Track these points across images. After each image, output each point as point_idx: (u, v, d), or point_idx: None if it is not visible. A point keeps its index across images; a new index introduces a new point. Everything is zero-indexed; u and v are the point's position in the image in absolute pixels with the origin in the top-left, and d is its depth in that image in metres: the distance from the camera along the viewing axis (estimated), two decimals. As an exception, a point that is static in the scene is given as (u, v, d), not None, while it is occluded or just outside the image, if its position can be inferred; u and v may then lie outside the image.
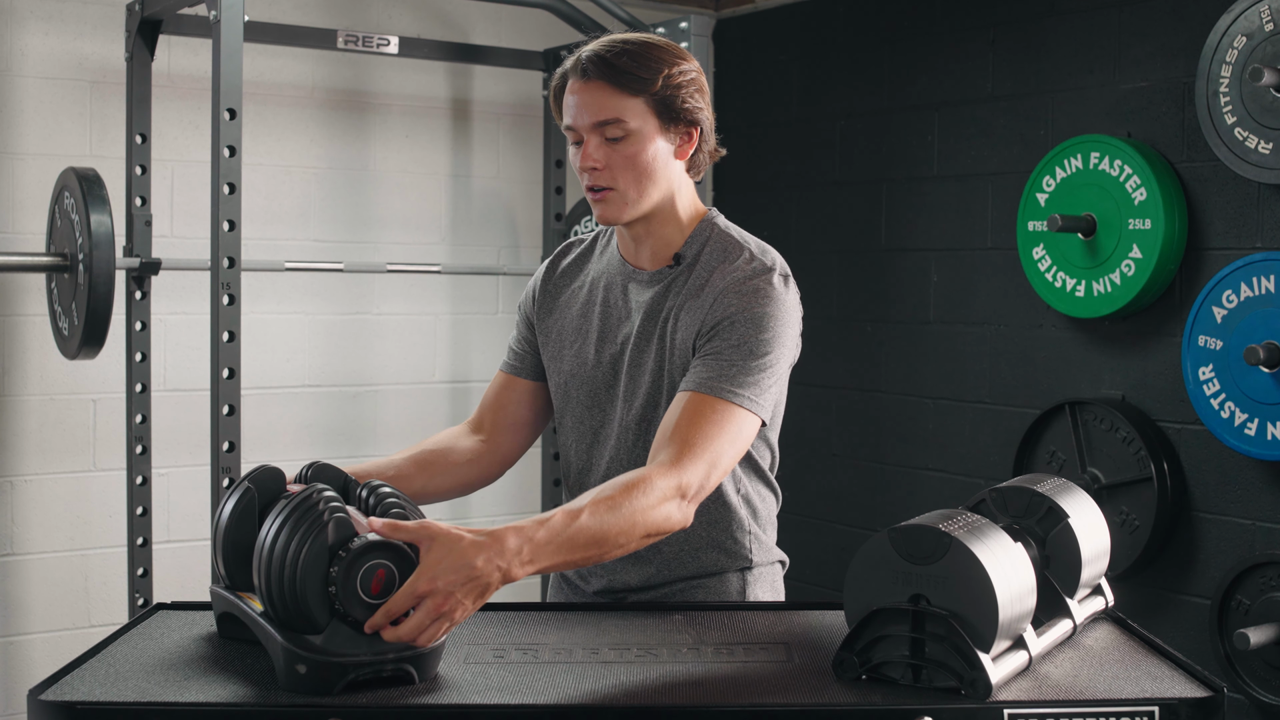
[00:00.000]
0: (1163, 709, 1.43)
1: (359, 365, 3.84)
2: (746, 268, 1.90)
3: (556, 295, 2.07)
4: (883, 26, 3.86)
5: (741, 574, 2.00)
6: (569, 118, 1.91)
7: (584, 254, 2.09)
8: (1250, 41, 2.88)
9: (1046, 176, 3.33)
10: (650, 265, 1.98)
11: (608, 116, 1.87)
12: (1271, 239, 2.96)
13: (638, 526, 1.68)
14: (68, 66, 3.37)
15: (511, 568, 1.55)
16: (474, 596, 1.51)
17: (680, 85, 1.89)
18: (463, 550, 1.51)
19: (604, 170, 1.89)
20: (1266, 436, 2.89)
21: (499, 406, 2.10)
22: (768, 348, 1.85)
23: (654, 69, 1.87)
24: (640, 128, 1.88)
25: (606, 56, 1.87)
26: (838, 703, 1.45)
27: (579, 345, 2.01)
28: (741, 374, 1.82)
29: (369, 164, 3.85)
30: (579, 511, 1.64)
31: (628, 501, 1.67)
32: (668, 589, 1.98)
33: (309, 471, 1.72)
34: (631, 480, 1.70)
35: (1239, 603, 2.95)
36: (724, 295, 1.87)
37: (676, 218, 1.96)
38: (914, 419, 3.77)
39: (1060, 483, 1.80)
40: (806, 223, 4.10)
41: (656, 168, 1.90)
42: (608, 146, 1.88)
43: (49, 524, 3.39)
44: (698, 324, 1.89)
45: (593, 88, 1.87)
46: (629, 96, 1.87)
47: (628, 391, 1.96)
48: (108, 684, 1.48)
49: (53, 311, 3.23)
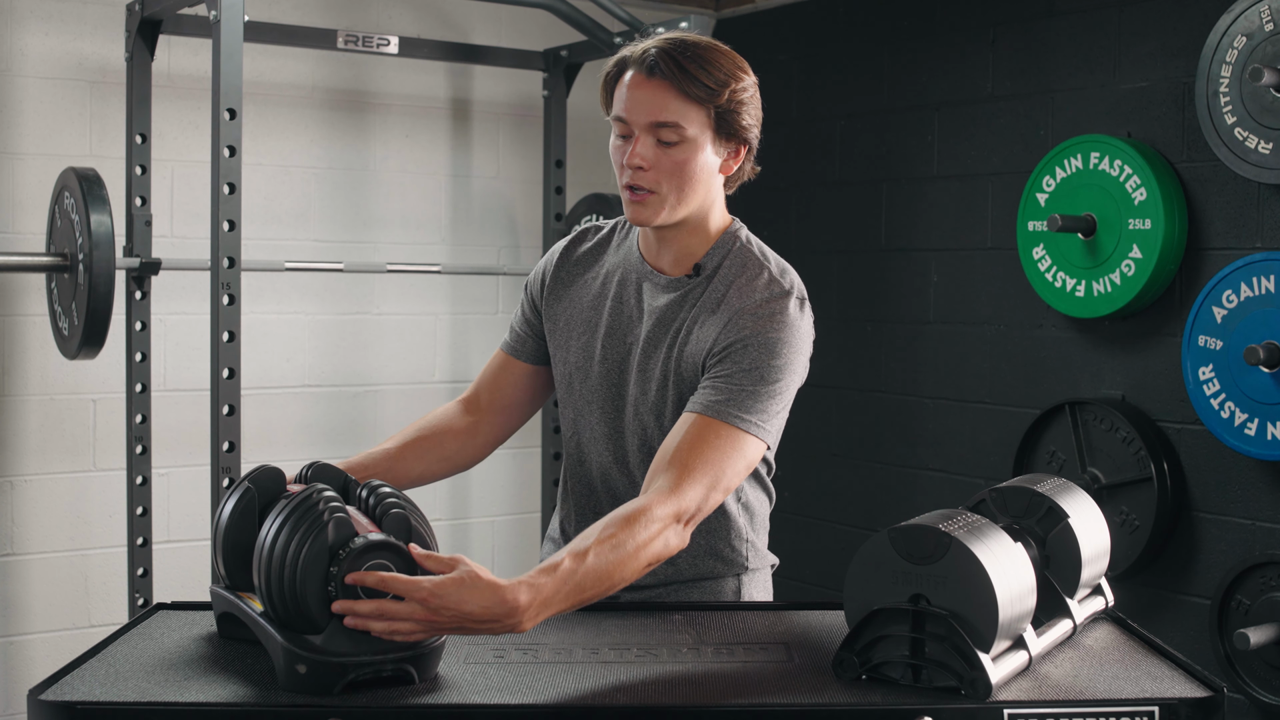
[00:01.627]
0: (1163, 709, 1.43)
1: (359, 365, 3.84)
2: (765, 290, 1.87)
3: (569, 282, 2.04)
4: (883, 26, 3.86)
5: (737, 578, 2.00)
6: (624, 109, 1.85)
7: (601, 242, 2.05)
8: (1250, 41, 2.88)
9: (1046, 176, 3.33)
10: (670, 270, 1.95)
11: (668, 119, 1.83)
12: (1271, 239, 2.96)
13: (640, 559, 1.67)
14: (68, 66, 3.37)
15: (521, 623, 1.53)
16: (453, 629, 1.50)
17: (742, 102, 1.88)
18: (481, 592, 1.49)
19: (650, 171, 1.85)
20: (1266, 436, 2.89)
21: (496, 387, 2.08)
22: (779, 374, 1.83)
23: (721, 80, 1.84)
24: (696, 136, 1.85)
25: (677, 57, 1.83)
26: (838, 703, 1.45)
27: (586, 338, 1.99)
28: (750, 399, 1.80)
29: (369, 164, 3.85)
30: (585, 553, 1.61)
31: (630, 538, 1.65)
32: (663, 590, 1.98)
33: (309, 471, 1.72)
34: (631, 514, 1.68)
35: (1239, 603, 2.95)
36: (740, 316, 1.85)
37: (705, 228, 1.94)
38: (914, 419, 3.77)
39: (1060, 483, 1.80)
40: (806, 223, 4.10)
41: (702, 178, 1.88)
42: (659, 149, 1.85)
43: (49, 524, 3.39)
44: (710, 341, 1.87)
45: (656, 86, 1.83)
46: (692, 104, 1.84)
47: (635, 395, 1.94)
48: (108, 684, 1.48)
49: (53, 311, 3.23)
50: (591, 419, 1.98)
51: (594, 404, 1.98)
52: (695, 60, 1.83)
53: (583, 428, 2.00)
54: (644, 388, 1.93)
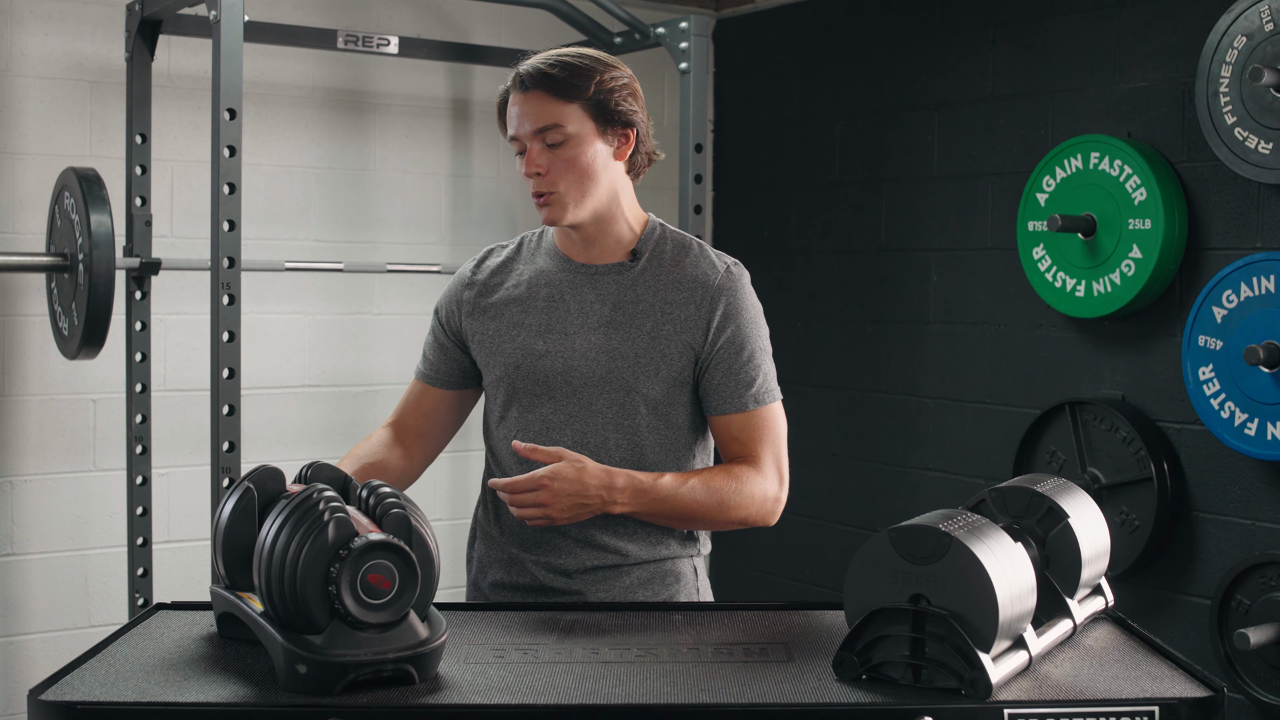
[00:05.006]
0: (1163, 709, 1.43)
1: (359, 365, 3.84)
2: (720, 264, 2.07)
3: (487, 294, 2.13)
4: (883, 26, 3.86)
5: (691, 560, 2.11)
6: (511, 128, 2.02)
7: (509, 257, 2.17)
8: (1250, 41, 2.88)
9: (1046, 176, 3.33)
10: (604, 261, 2.08)
11: (547, 123, 1.98)
12: (1271, 239, 2.96)
13: (727, 515, 2.00)
14: (68, 66, 3.37)
15: (612, 502, 1.92)
16: (571, 511, 1.90)
17: (613, 90, 2.01)
18: (583, 471, 1.90)
19: (547, 175, 2.00)
20: (1266, 436, 2.89)
21: (420, 414, 2.19)
22: (767, 340, 2.09)
23: (587, 75, 1.99)
24: (578, 131, 1.99)
25: (542, 67, 1.99)
26: (838, 703, 1.45)
27: (521, 338, 2.07)
28: (768, 377, 2.06)
29: (369, 164, 3.85)
30: (691, 476, 1.97)
31: (734, 492, 1.99)
32: (626, 573, 2.04)
33: (309, 471, 1.72)
34: (740, 473, 2.00)
35: (1239, 603, 2.95)
36: (720, 297, 2.04)
37: (624, 216, 2.08)
38: (914, 419, 3.77)
39: (1060, 483, 1.80)
40: (806, 223, 4.10)
41: (597, 169, 2.01)
42: (549, 152, 1.99)
43: (49, 524, 3.39)
44: (698, 323, 2.02)
45: (531, 98, 1.99)
46: (565, 103, 1.98)
47: (600, 376, 2.02)
48: (108, 684, 1.48)
49: (53, 311, 3.23)
50: (544, 410, 2.04)
51: (542, 395, 2.05)
52: (558, 65, 2.00)
53: (530, 419, 2.05)
54: (611, 368, 2.02)
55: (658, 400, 2.02)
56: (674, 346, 2.02)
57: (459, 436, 2.29)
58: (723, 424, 2.05)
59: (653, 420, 2.03)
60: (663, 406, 2.03)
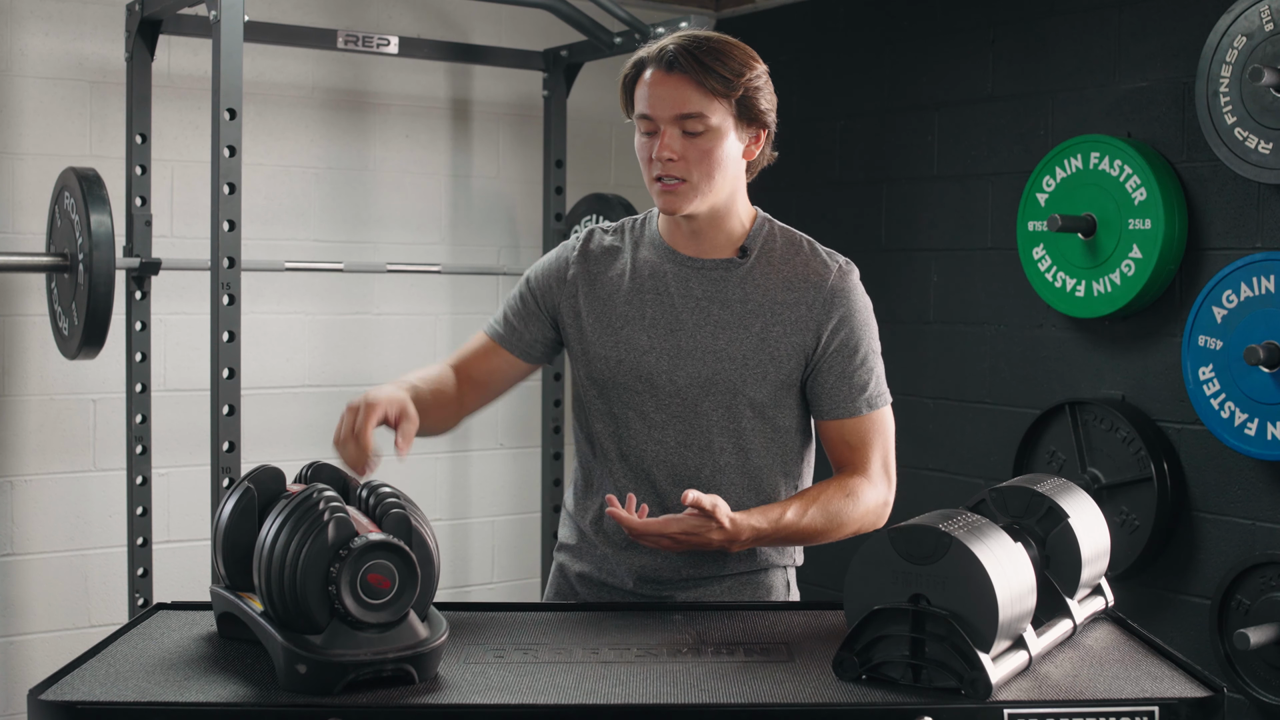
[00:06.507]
0: (1163, 709, 1.43)
1: (359, 365, 3.84)
2: (832, 262, 2.02)
3: (591, 278, 2.05)
4: (883, 26, 3.86)
5: (785, 570, 2.06)
6: (647, 107, 1.92)
7: (614, 241, 2.08)
8: (1250, 41, 2.88)
9: (1046, 176, 3.33)
10: (713, 255, 2.01)
11: (692, 110, 1.90)
12: (1271, 239, 2.96)
13: (845, 530, 1.97)
14: (68, 66, 3.37)
15: (734, 546, 1.88)
16: (689, 548, 1.86)
17: (758, 88, 1.94)
18: (710, 528, 1.83)
19: (679, 162, 1.92)
20: (1266, 436, 2.89)
21: (484, 369, 2.10)
22: (877, 339, 2.06)
23: (736, 71, 1.91)
24: (720, 125, 1.92)
25: (693, 51, 1.90)
26: (838, 703, 1.45)
27: (625, 331, 2.00)
28: (880, 380, 2.03)
29: (369, 164, 3.85)
30: (810, 503, 1.94)
31: (848, 509, 1.96)
32: (718, 582, 2.01)
33: (309, 471, 1.72)
34: (851, 488, 1.97)
35: (1239, 603, 2.95)
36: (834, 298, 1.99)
37: (738, 213, 2.02)
38: (914, 419, 3.77)
39: (1060, 483, 1.80)
40: (806, 223, 4.06)
41: (728, 164, 1.95)
42: (685, 139, 1.91)
43: (49, 524, 3.39)
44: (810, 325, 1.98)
45: (677, 81, 1.90)
46: (713, 96, 1.90)
47: (707, 376, 1.96)
48: (108, 684, 1.48)
49: (53, 311, 3.23)
50: (646, 407, 1.98)
51: (648, 394, 1.98)
52: (710, 54, 1.90)
53: (633, 419, 1.99)
54: (717, 370, 1.96)
55: (764, 404, 1.97)
56: (784, 349, 1.97)
57: (459, 436, 2.29)
58: (834, 428, 2.01)
59: (758, 424, 1.98)
60: (769, 410, 1.98)
